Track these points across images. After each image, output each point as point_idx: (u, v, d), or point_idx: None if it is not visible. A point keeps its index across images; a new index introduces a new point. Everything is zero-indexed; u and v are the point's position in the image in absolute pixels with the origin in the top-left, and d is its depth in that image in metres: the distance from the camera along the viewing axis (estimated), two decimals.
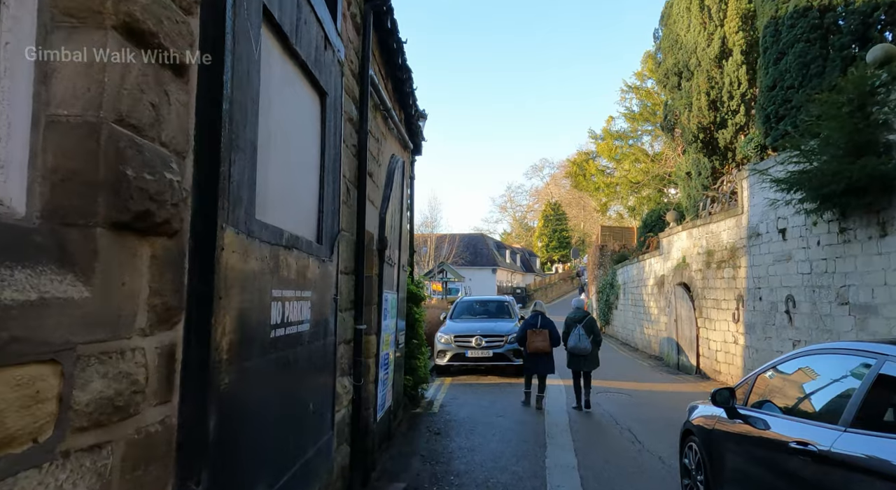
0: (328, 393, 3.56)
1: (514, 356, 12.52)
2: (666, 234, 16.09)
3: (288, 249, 2.71)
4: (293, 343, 2.81)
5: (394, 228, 6.68)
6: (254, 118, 2.21)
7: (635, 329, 19.58)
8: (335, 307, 3.66)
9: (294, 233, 2.84)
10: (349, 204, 4.39)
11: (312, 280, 3.13)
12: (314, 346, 3.19)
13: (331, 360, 3.61)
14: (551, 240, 77.93)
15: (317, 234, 3.33)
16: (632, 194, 26.30)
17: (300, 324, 2.91)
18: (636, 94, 26.00)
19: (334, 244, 3.60)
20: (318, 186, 3.34)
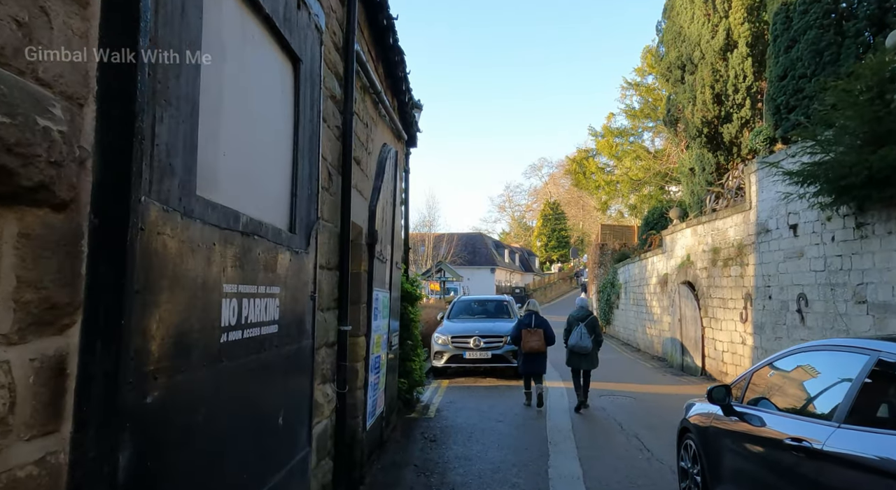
0: (304, 404, 3.12)
1: (513, 357, 12.07)
2: (669, 232, 15.67)
3: (248, 236, 2.27)
4: (255, 348, 2.37)
5: (385, 223, 6.25)
6: (193, 69, 1.77)
7: (637, 329, 19.16)
8: (313, 306, 3.22)
9: (257, 218, 2.40)
10: (332, 191, 3.95)
11: (282, 274, 2.69)
12: (285, 351, 2.75)
13: (308, 365, 3.18)
14: (550, 239, 77.54)
15: (289, 222, 2.89)
16: (633, 192, 25.87)
17: (266, 325, 2.47)
18: (636, 91, 25.59)
19: (311, 234, 3.16)
20: (290, 167, 2.90)
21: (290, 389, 2.88)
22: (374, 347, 5.65)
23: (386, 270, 6.34)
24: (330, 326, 3.86)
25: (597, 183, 27.03)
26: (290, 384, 2.88)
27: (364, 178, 5.25)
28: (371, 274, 5.42)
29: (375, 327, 5.68)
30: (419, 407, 9.10)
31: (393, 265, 6.97)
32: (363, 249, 5.18)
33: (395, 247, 7.22)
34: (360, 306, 5.12)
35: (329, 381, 3.88)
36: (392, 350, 7.35)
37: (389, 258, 6.56)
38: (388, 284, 6.59)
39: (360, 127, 4.91)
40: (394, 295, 7.26)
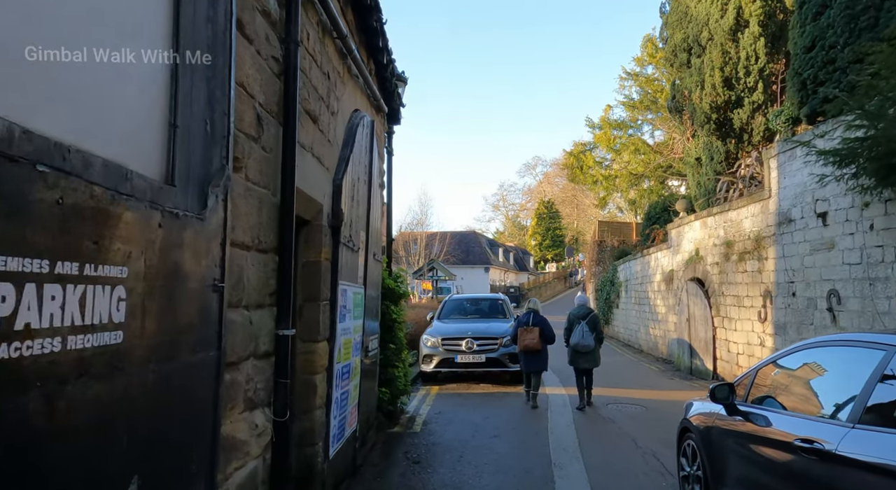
0: (201, 449, 2.05)
1: (510, 361, 11.04)
2: (675, 225, 14.66)
3: (31, 169, 1.19)
4: (60, 374, 1.30)
5: (358, 204, 5.18)
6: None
7: (639, 329, 18.16)
8: (219, 302, 2.15)
9: (71, 143, 1.32)
10: (266, 145, 2.89)
11: (138, 248, 1.63)
12: (150, 374, 1.68)
13: (210, 390, 2.11)
14: (545, 238, 76.64)
15: (164, 168, 1.82)
16: (632, 187, 24.88)
17: (84, 333, 1.40)
18: (635, 81, 24.59)
19: (210, 193, 2.09)
20: (167, 81, 1.84)
21: (167, 432, 1.81)
22: (341, 354, 4.58)
23: (358, 261, 5.27)
24: (260, 331, 2.79)
25: (594, 177, 26.00)
26: (167, 425, 1.81)
27: (325, 143, 4.17)
28: (336, 264, 4.36)
29: (343, 330, 4.61)
30: (404, 419, 8.03)
31: (369, 256, 5.92)
32: (324, 233, 4.11)
33: (373, 235, 6.15)
34: (320, 305, 4.05)
35: (261, 405, 2.81)
36: (370, 355, 6.29)
37: (363, 248, 5.50)
38: (363, 279, 5.53)
39: (316, 74, 3.85)
40: (371, 292, 6.20)
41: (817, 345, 3.62)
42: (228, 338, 2.33)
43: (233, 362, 2.40)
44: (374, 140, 5.93)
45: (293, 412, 3.87)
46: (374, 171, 6.08)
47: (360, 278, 5.36)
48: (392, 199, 8.32)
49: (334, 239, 4.34)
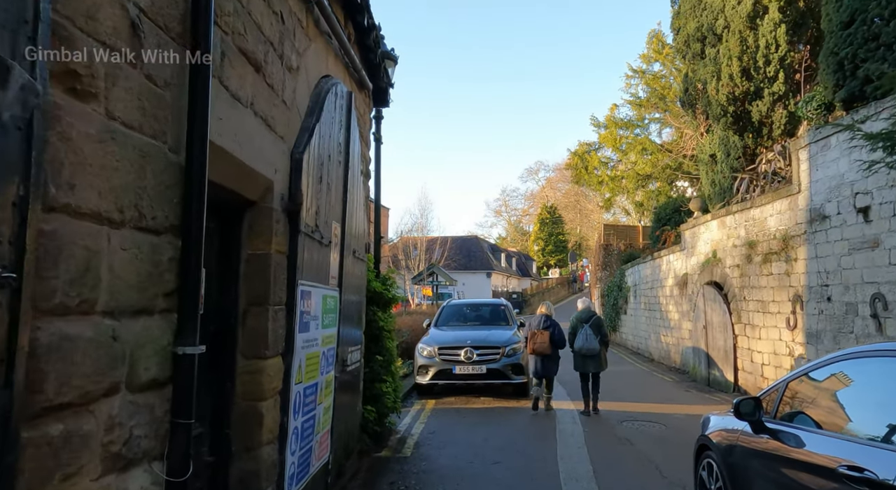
0: None
1: (513, 373, 10.09)
2: (689, 226, 13.73)
3: None
4: None
5: (330, 189, 4.28)
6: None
7: (649, 336, 17.19)
8: (8, 305, 1.22)
9: None
10: (153, 73, 1.97)
11: None
12: None
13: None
14: (548, 244, 75.70)
15: None
16: (639, 188, 23.94)
17: None
18: (642, 79, 23.70)
19: None
20: None
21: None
22: (303, 373, 3.65)
23: (330, 258, 4.35)
24: (140, 350, 1.88)
25: (599, 178, 25.06)
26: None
27: (277, 104, 3.27)
28: (294, 259, 3.44)
29: (306, 342, 3.69)
30: (393, 440, 7.08)
31: (346, 254, 5.00)
32: (275, 218, 3.19)
33: (353, 230, 5.24)
34: (270, 310, 3.13)
35: (141, 461, 1.88)
36: (350, 370, 5.37)
37: (338, 243, 4.58)
38: (337, 279, 4.61)
39: (259, 7, 2.94)
40: (351, 297, 5.29)
41: (861, 355, 3.21)
42: (53, 365, 1.42)
43: (67, 404, 1.49)
44: (354, 116, 5.02)
45: (230, 452, 2.95)
46: (354, 153, 5.17)
47: (332, 279, 4.44)
48: (381, 190, 7.43)
49: (291, 227, 3.42)
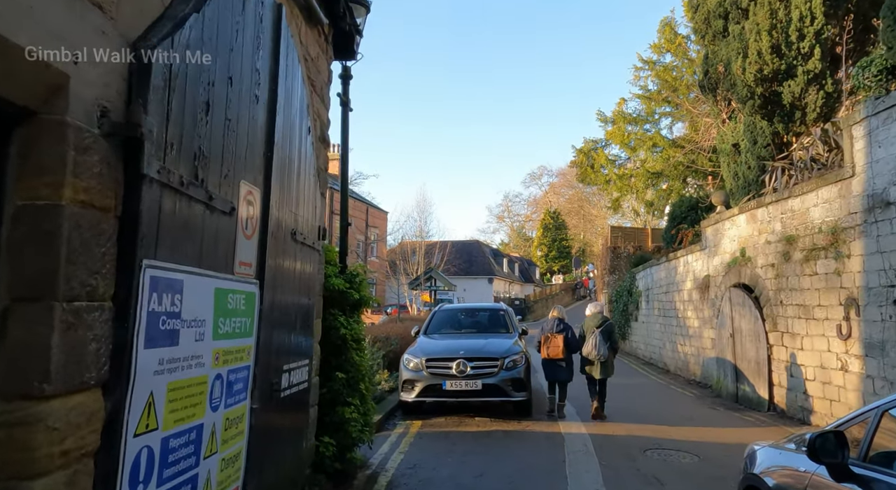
0: None
1: (513, 388, 8.63)
2: (711, 222, 12.28)
3: None
4: None
5: (233, 130, 2.88)
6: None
7: (664, 345, 15.70)
8: None
9: None
10: None
11: None
12: None
13: None
14: (551, 249, 74.26)
15: None
16: (649, 187, 22.49)
17: None
18: (652, 71, 22.31)
19: None
20: None
21: None
22: (159, 415, 2.23)
23: (234, 234, 2.93)
24: None
25: (607, 177, 23.60)
26: None
27: None
28: (135, 222, 2.02)
29: (168, 363, 2.26)
30: (360, 479, 5.63)
31: (282, 236, 3.60)
32: (76, 141, 1.77)
33: (290, 203, 3.83)
34: (59, 309, 1.71)
35: None
36: (290, 395, 3.96)
37: (255, 216, 3.17)
38: (253, 269, 3.19)
39: None
40: (289, 296, 3.88)
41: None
42: None
43: None
44: (288, 41, 3.62)
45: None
46: (293, 96, 3.77)
47: (241, 266, 3.02)
48: (348, 166, 6.01)
49: (129, 166, 2.00)
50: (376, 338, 11.96)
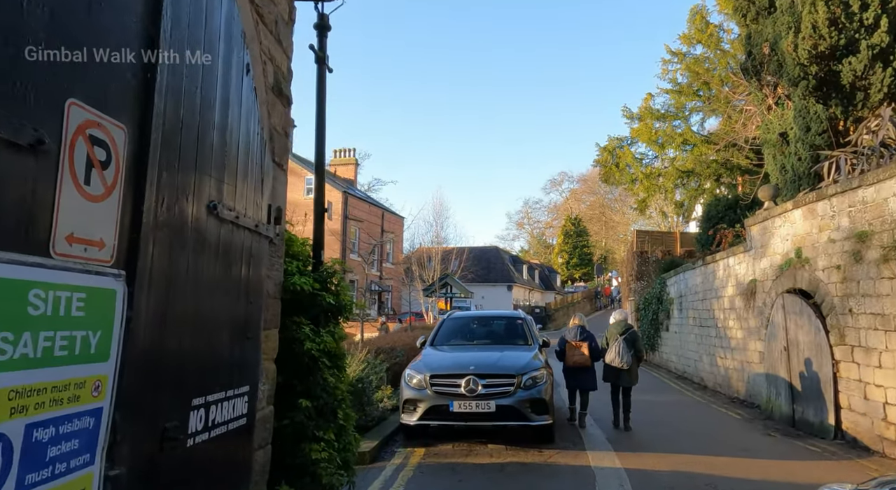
0: None
1: (532, 411, 7.33)
2: (758, 220, 10.85)
3: None
4: None
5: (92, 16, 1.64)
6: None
7: (700, 358, 14.21)
8: None
9: None
10: None
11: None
12: None
13: None
14: (572, 256, 72.60)
15: None
16: (679, 187, 21.04)
17: None
18: (682, 63, 20.89)
19: None
20: None
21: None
22: None
23: (56, 183, 1.72)
24: None
25: (633, 176, 22.19)
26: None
27: None
28: None
29: None
30: None
31: (185, 207, 2.39)
32: None
33: (211, 157, 2.63)
34: None
35: None
36: (220, 436, 2.76)
37: (118, 160, 1.95)
38: (117, 249, 1.98)
39: None
40: (227, 302, 2.72)
41: None
42: None
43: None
44: None
45: None
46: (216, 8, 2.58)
47: (84, 246, 1.82)
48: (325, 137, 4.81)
49: None
50: (380, 349, 10.75)
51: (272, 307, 3.66)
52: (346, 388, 4.86)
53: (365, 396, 8.40)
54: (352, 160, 43.84)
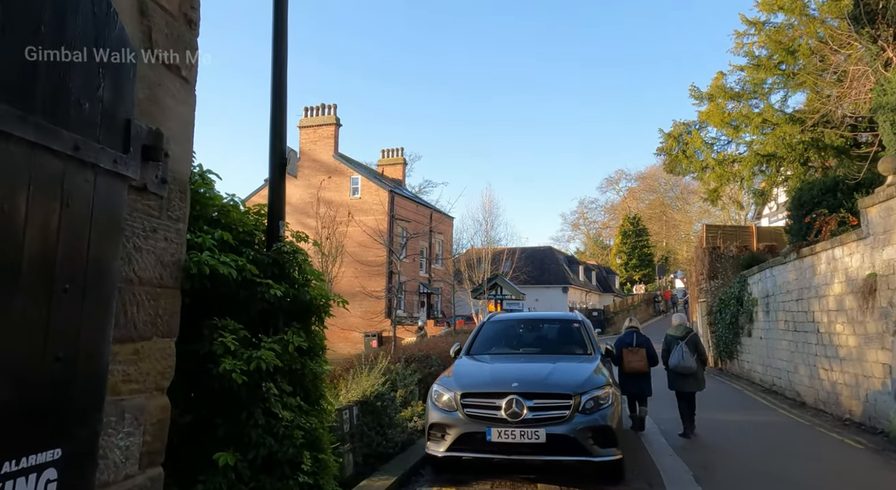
0: None
1: (595, 442, 5.61)
2: (878, 200, 8.68)
3: None
4: None
5: None
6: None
7: (796, 369, 11.97)
8: None
9: None
10: None
11: None
12: None
13: None
14: (631, 257, 69.24)
15: None
16: (759, 174, 18.58)
17: None
18: (760, 34, 18.44)
19: None
20: None
21: None
22: None
23: None
24: None
25: (703, 163, 19.85)
26: None
27: None
28: None
29: None
30: None
31: None
32: None
33: None
34: None
35: None
36: None
37: None
38: None
39: None
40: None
41: None
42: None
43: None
44: None
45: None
46: None
47: None
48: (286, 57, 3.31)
49: None
50: (411, 357, 9.25)
51: (151, 302, 2.16)
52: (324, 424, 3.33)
53: (385, 416, 6.89)
54: (399, 160, 42.80)
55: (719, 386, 14.68)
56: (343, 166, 33.87)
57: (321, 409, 3.43)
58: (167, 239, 2.26)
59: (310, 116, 33.99)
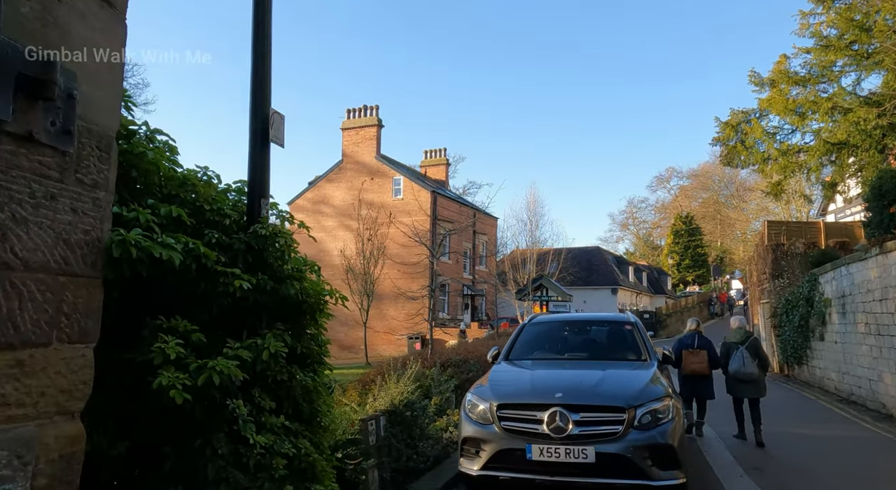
0: None
1: (654, 462, 4.83)
2: None
3: None
4: None
5: None
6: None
7: (880, 377, 10.70)
8: None
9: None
10: None
11: None
12: None
13: None
14: (683, 258, 66.62)
15: None
16: (827, 164, 17.10)
17: None
18: (828, 13, 16.99)
19: None
20: None
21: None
22: None
23: None
24: None
25: (764, 155, 18.45)
26: None
27: None
28: None
29: None
30: None
31: None
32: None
33: None
34: None
35: None
36: None
37: None
38: None
39: None
40: None
41: None
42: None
43: None
44: None
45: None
46: None
47: None
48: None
49: None
50: (448, 361, 8.60)
51: (49, 296, 1.59)
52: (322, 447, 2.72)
53: (416, 427, 6.27)
54: (443, 160, 42.32)
55: (788, 394, 13.43)
56: (385, 167, 33.61)
57: (320, 427, 2.83)
58: (76, 211, 1.69)
59: (352, 118, 33.89)
